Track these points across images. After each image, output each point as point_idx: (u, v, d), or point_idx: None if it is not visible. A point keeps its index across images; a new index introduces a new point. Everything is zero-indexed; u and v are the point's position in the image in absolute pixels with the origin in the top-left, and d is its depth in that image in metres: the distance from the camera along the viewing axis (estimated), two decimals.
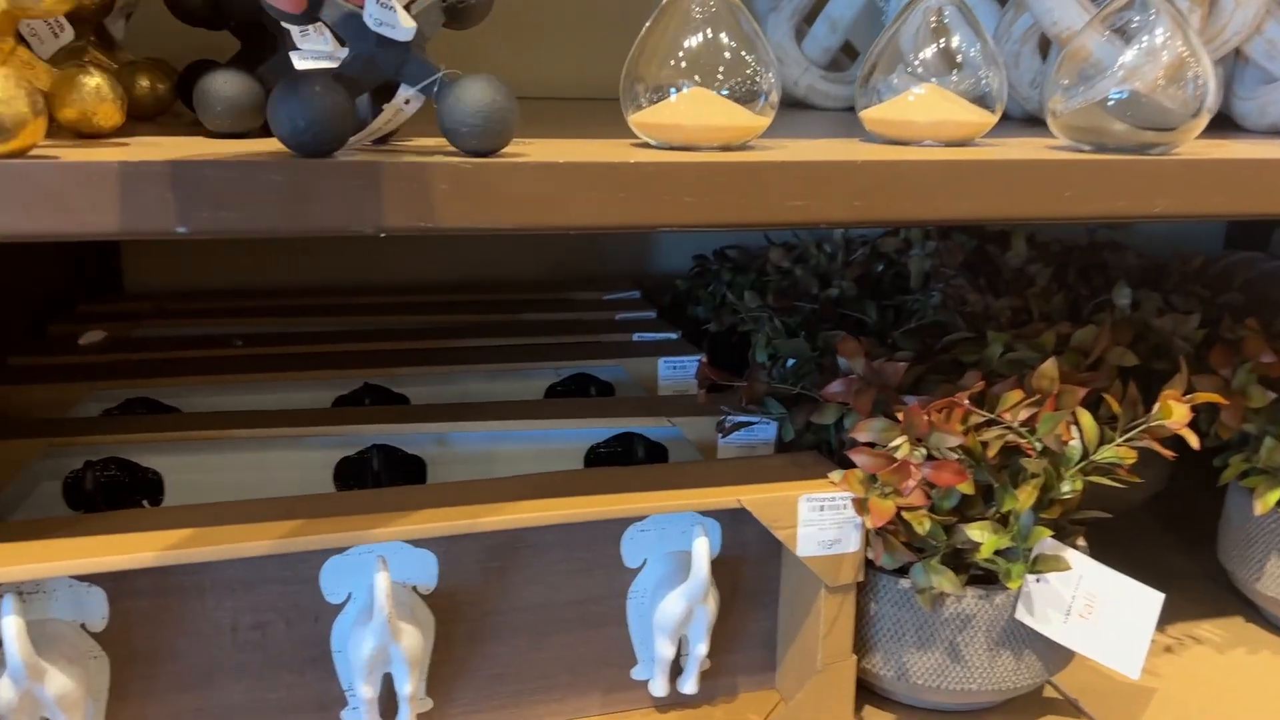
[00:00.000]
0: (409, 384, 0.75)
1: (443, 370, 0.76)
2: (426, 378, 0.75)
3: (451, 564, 0.54)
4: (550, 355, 0.78)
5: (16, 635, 0.45)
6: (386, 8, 0.40)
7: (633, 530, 0.57)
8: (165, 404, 0.70)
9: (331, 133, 0.39)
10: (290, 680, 0.53)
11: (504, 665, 0.57)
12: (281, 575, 0.52)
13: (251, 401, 0.71)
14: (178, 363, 0.73)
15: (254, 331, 0.82)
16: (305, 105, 0.39)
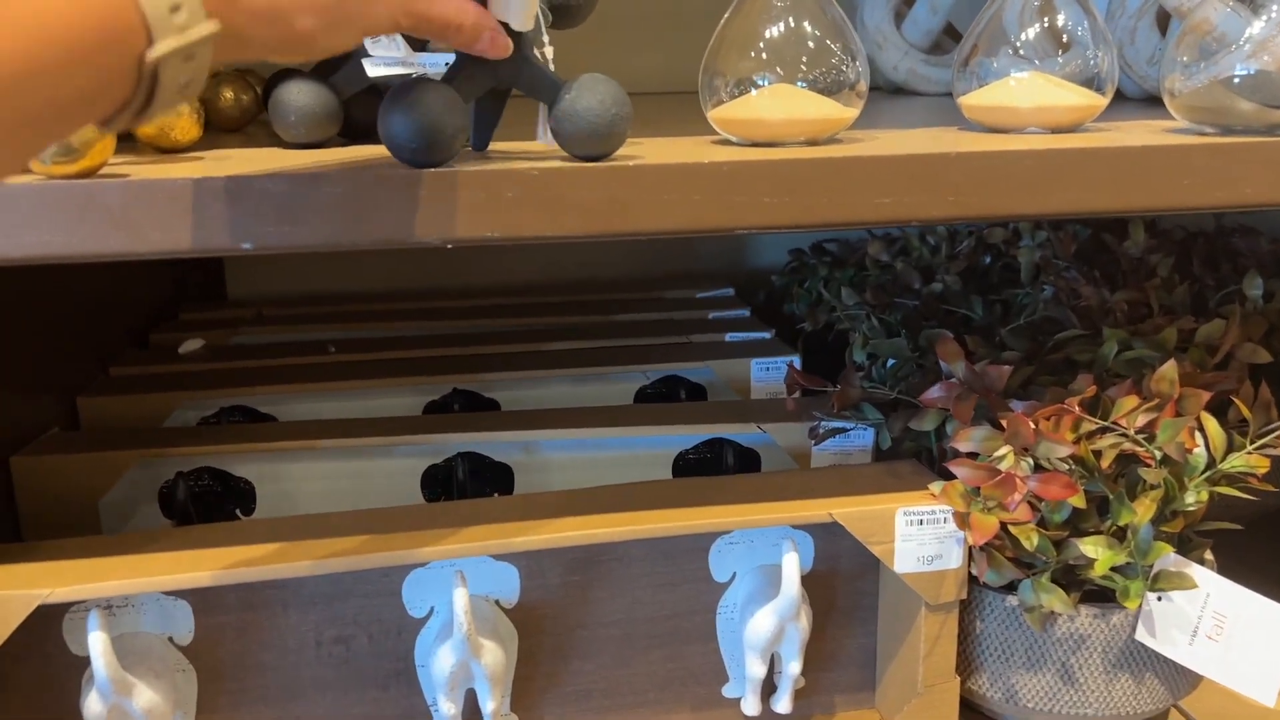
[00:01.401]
0: (498, 389, 0.74)
1: (532, 375, 0.75)
2: (516, 383, 0.74)
3: (534, 578, 0.53)
4: (640, 358, 0.77)
5: (103, 651, 0.45)
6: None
7: (721, 543, 0.55)
8: (260, 411, 0.71)
9: (443, 143, 0.38)
10: (374, 695, 0.53)
11: (590, 681, 0.55)
12: (364, 589, 0.52)
13: (344, 408, 0.71)
14: (273, 370, 0.74)
15: (348, 337, 0.82)
16: (415, 114, 0.38)
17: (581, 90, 0.40)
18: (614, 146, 0.41)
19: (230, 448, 0.63)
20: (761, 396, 0.74)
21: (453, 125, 0.39)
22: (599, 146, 0.40)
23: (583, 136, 0.40)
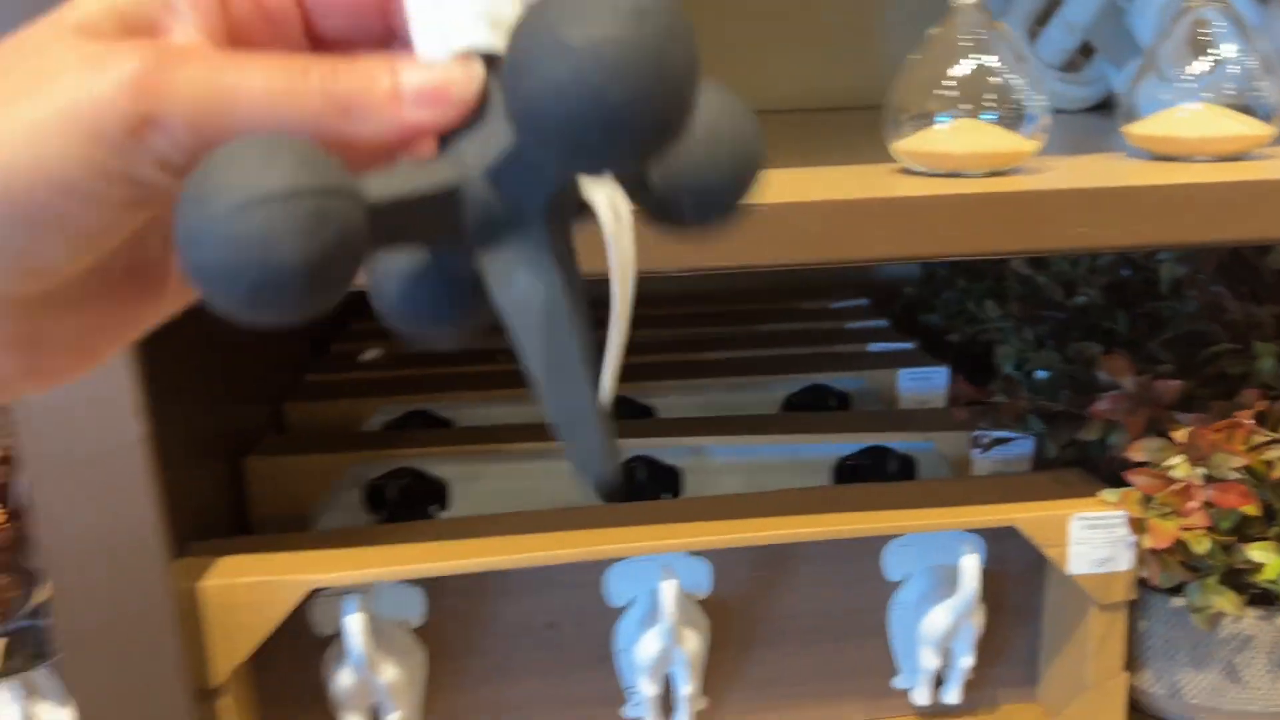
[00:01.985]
0: (654, 396, 0.79)
1: (685, 383, 0.79)
2: (671, 390, 0.79)
3: (724, 572, 0.57)
4: (786, 367, 0.81)
5: (360, 631, 0.51)
6: None
7: (894, 545, 0.58)
8: (440, 416, 0.77)
9: (294, 288, 0.19)
10: (579, 677, 0.58)
11: (772, 670, 0.59)
12: (570, 579, 0.57)
13: (516, 413, 0.77)
14: (449, 377, 0.80)
15: (501, 347, 0.88)
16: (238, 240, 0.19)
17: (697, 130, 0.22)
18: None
19: (425, 451, 0.69)
20: (910, 406, 0.77)
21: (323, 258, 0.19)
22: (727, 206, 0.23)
23: (700, 201, 0.23)
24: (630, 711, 0.59)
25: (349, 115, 0.22)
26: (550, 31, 0.18)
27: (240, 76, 0.21)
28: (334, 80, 0.22)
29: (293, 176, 0.19)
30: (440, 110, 0.22)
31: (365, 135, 0.22)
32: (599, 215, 0.22)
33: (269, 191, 0.18)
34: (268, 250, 0.18)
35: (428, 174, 0.21)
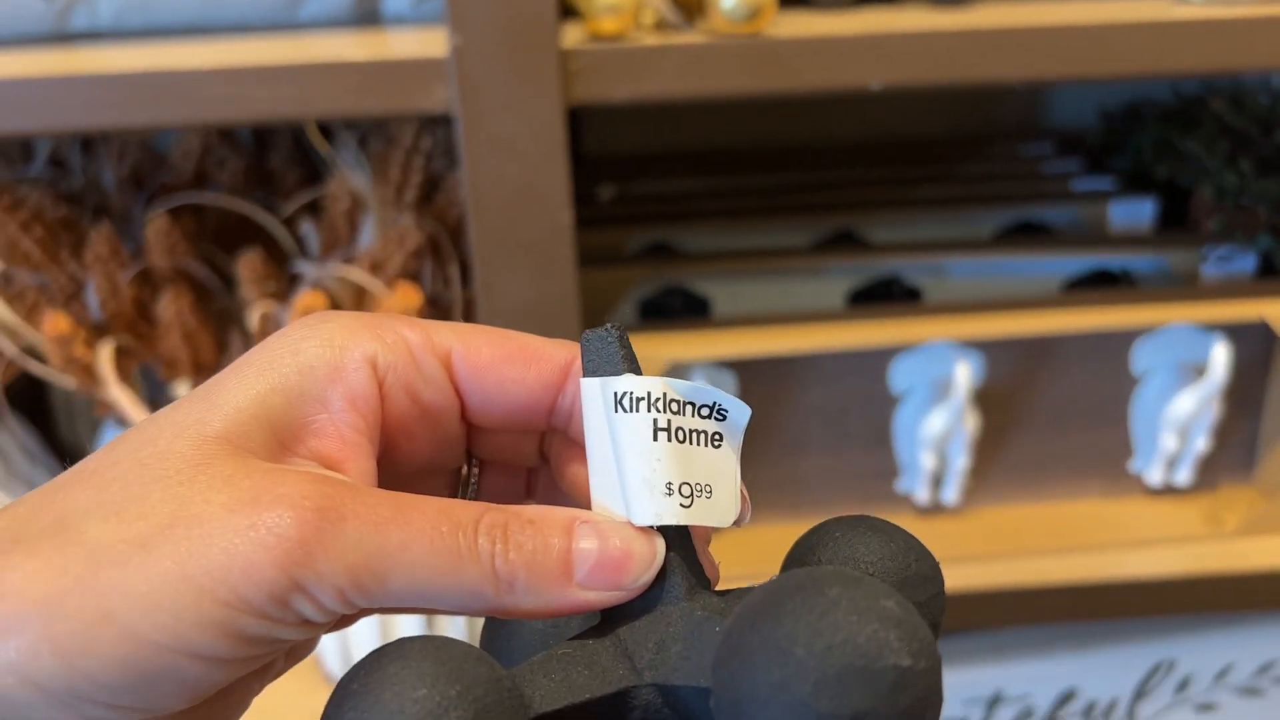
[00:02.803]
0: (873, 230, 0.86)
1: (902, 216, 0.86)
2: (890, 223, 0.86)
3: (992, 364, 0.65)
4: (996, 201, 0.87)
5: None
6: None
7: (1141, 342, 0.66)
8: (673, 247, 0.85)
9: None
10: (861, 455, 0.67)
11: (1026, 453, 0.68)
12: (858, 368, 0.65)
13: (745, 243, 0.85)
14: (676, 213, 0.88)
15: (708, 188, 0.95)
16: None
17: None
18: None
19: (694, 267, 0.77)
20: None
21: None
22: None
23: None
24: (903, 485, 0.68)
25: (513, 590, 0.20)
26: (795, 685, 0.17)
27: (403, 536, 0.20)
28: (504, 550, 0.20)
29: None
30: (612, 594, 0.21)
31: (526, 609, 0.21)
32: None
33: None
34: None
35: (597, 679, 0.21)
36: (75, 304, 0.60)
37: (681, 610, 0.21)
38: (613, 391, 0.22)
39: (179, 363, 0.61)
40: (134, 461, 0.20)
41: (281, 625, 0.19)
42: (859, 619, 0.17)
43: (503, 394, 0.23)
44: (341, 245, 0.59)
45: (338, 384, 0.22)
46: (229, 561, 0.19)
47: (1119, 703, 0.73)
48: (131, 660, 0.19)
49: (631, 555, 0.21)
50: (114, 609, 0.19)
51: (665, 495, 0.22)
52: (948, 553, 0.65)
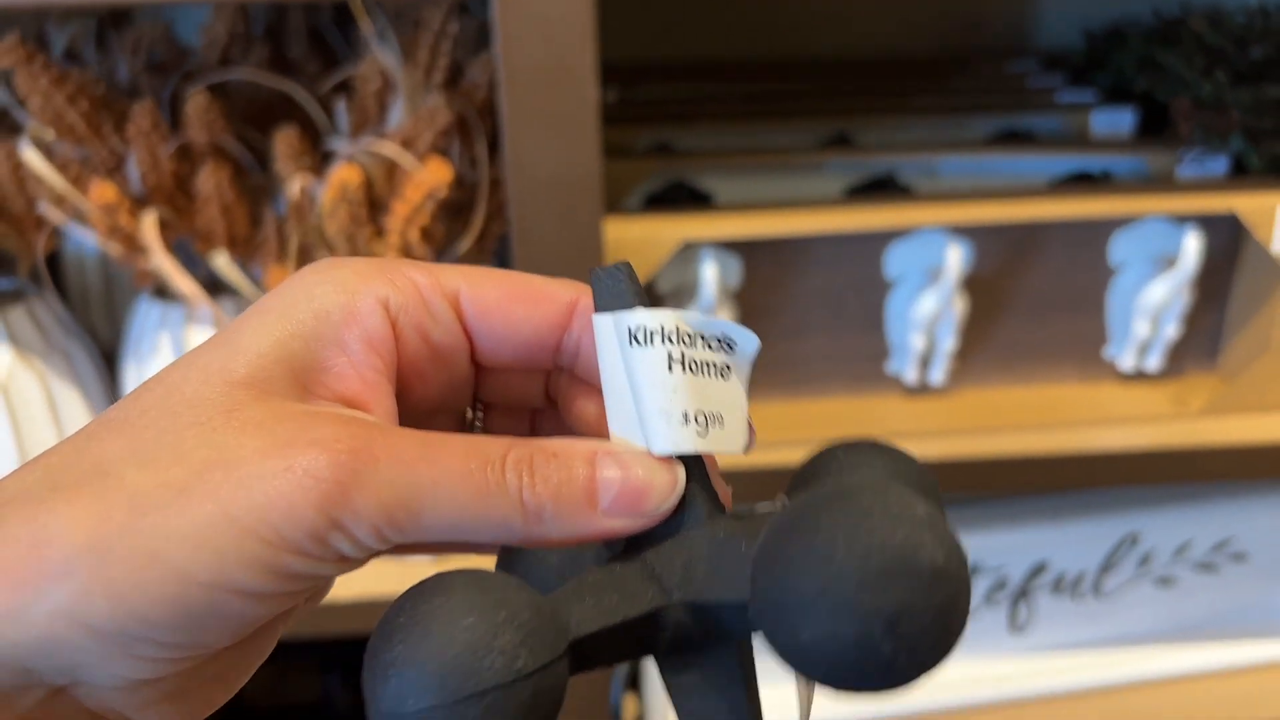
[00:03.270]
0: (867, 134, 0.90)
1: (895, 122, 0.90)
2: (883, 128, 0.90)
3: (981, 251, 0.70)
4: (982, 110, 0.91)
5: (714, 278, 0.64)
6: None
7: (1119, 233, 0.71)
8: (675, 147, 0.88)
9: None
10: (855, 338, 0.72)
11: (1009, 337, 0.73)
12: (855, 254, 0.70)
13: (750, 143, 0.88)
14: (681, 115, 0.91)
15: (708, 94, 0.98)
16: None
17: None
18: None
19: (699, 161, 0.80)
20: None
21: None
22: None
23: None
24: (892, 366, 0.72)
25: (541, 521, 0.21)
26: (837, 587, 0.18)
27: (434, 474, 0.20)
28: (531, 483, 0.21)
29: (509, 660, 0.19)
30: (636, 521, 0.22)
31: (554, 539, 0.22)
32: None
33: (487, 685, 0.19)
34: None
35: (628, 601, 0.22)
36: (117, 177, 0.62)
37: (704, 533, 0.23)
38: (626, 326, 0.23)
39: (215, 236, 0.64)
40: (164, 409, 0.21)
41: (321, 562, 0.20)
42: (893, 524, 0.19)
43: (510, 333, 0.24)
44: (372, 124, 0.62)
45: (353, 327, 0.22)
46: (269, 503, 0.19)
47: (1086, 575, 0.79)
48: (180, 599, 0.19)
49: (653, 483, 0.22)
50: (160, 550, 0.19)
51: (682, 425, 0.23)
52: (933, 428, 0.70)
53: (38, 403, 0.69)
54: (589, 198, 0.57)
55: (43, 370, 0.69)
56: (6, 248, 0.68)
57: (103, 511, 0.20)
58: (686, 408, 0.23)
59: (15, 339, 0.68)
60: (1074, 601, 0.80)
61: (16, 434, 0.69)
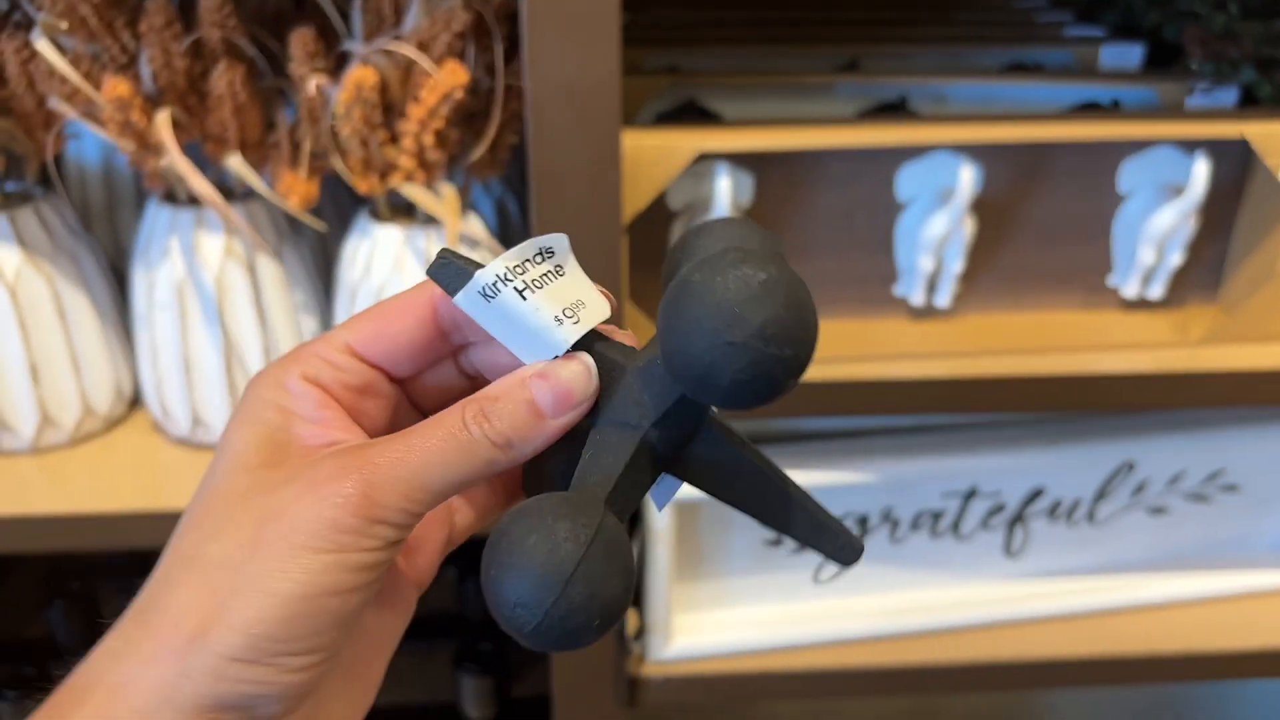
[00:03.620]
0: (877, 60, 0.89)
1: (905, 49, 0.90)
2: (893, 56, 0.90)
3: (990, 174, 0.70)
4: (993, 41, 0.91)
5: (727, 191, 0.64)
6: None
7: (1129, 161, 0.71)
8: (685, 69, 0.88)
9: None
10: (864, 258, 0.72)
11: (1015, 261, 0.73)
12: (866, 175, 0.70)
13: (759, 66, 0.87)
14: (694, 38, 0.90)
15: (716, 18, 0.97)
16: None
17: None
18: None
19: (712, 79, 0.80)
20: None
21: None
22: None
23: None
24: (900, 289, 0.73)
25: (513, 446, 0.28)
26: (720, 330, 0.24)
27: (423, 458, 0.27)
28: (491, 426, 0.27)
29: (575, 541, 0.25)
30: (578, 410, 0.28)
31: (528, 454, 0.28)
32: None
33: (571, 567, 0.25)
34: (601, 612, 0.25)
35: (618, 452, 0.28)
36: (129, 75, 0.62)
37: (630, 374, 0.29)
38: (476, 291, 0.28)
39: (227, 138, 0.64)
40: (208, 508, 0.27)
41: (376, 550, 0.26)
42: (726, 275, 0.25)
43: (397, 346, 0.30)
44: (387, 27, 0.62)
45: (298, 402, 0.29)
46: (320, 529, 0.26)
47: (1081, 502, 0.80)
48: (292, 615, 0.26)
49: (573, 377, 0.28)
50: (262, 586, 0.25)
51: (559, 325, 0.28)
52: (937, 349, 0.70)
53: (46, 305, 0.69)
54: (607, 105, 0.57)
55: (50, 273, 0.69)
56: (14, 149, 0.68)
57: (207, 581, 0.26)
58: (555, 313, 0.28)
59: (23, 241, 0.68)
60: (1069, 528, 0.81)
61: (24, 336, 0.69)
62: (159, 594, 0.27)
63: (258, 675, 0.26)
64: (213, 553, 0.26)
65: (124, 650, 0.26)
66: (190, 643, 0.25)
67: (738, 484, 0.30)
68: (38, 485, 0.71)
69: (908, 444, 0.76)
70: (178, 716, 0.25)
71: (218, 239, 0.67)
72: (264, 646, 0.25)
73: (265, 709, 0.26)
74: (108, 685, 0.26)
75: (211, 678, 0.25)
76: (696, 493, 0.31)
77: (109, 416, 0.75)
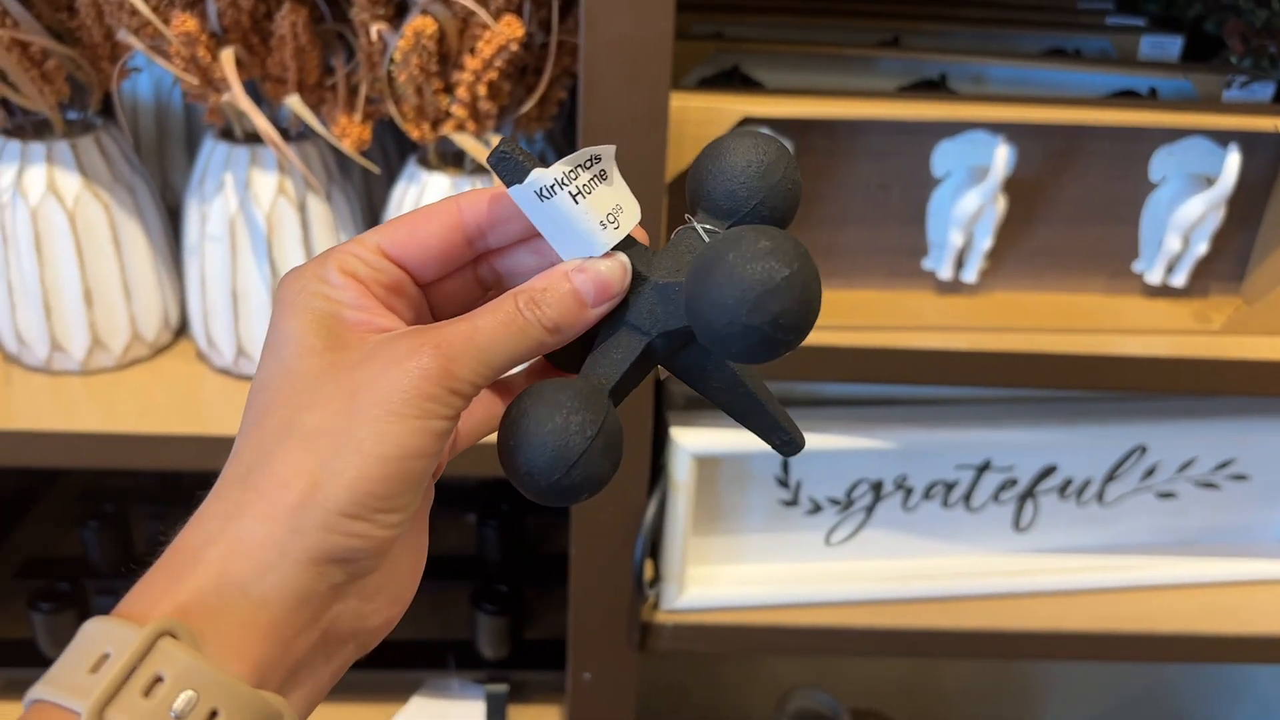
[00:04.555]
0: (919, 38, 0.91)
1: (946, 29, 0.91)
2: (934, 35, 0.91)
3: (1022, 154, 0.71)
4: (1034, 25, 0.92)
5: None
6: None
7: (1162, 151, 0.72)
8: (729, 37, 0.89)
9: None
10: (896, 231, 0.74)
11: (1043, 242, 0.75)
12: (904, 149, 0.71)
13: (803, 38, 0.89)
14: (738, 5, 0.92)
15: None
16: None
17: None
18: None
19: (756, 48, 0.81)
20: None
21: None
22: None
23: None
24: (929, 262, 0.75)
25: (559, 329, 0.32)
26: (736, 309, 0.28)
27: (487, 337, 0.30)
28: (541, 311, 0.31)
29: (583, 432, 0.30)
30: (614, 300, 0.32)
31: (573, 335, 0.32)
32: None
33: (577, 453, 0.30)
34: (592, 486, 0.31)
35: (627, 350, 0.33)
36: (196, 12, 0.64)
37: (650, 285, 0.33)
38: (534, 190, 0.31)
39: (286, 79, 0.66)
40: (291, 386, 0.30)
41: (449, 419, 0.30)
42: (751, 264, 0.28)
43: (426, 249, 0.33)
44: None
45: (343, 293, 0.31)
46: (410, 396, 0.29)
47: (1092, 482, 0.82)
48: (387, 475, 0.29)
49: (612, 271, 0.32)
50: (364, 448, 0.29)
51: (602, 229, 0.32)
52: (961, 323, 0.72)
53: (102, 232, 0.71)
54: (658, 65, 0.59)
55: (108, 201, 0.71)
56: (79, 78, 0.70)
57: (310, 448, 0.29)
58: (600, 217, 0.32)
59: (84, 169, 0.70)
60: (1078, 506, 0.83)
61: (80, 261, 0.71)
62: (259, 462, 0.29)
63: (360, 529, 0.29)
64: (310, 423, 0.29)
65: (235, 512, 0.29)
66: (301, 500, 0.28)
67: (714, 385, 0.34)
68: (85, 405, 0.74)
69: (926, 414, 0.78)
70: (292, 567, 0.28)
71: (271, 177, 0.69)
72: (366, 503, 0.28)
73: (364, 562, 0.30)
74: (225, 542, 0.28)
75: (322, 531, 0.28)
76: (718, 448, 0.35)
77: (155, 343, 0.78)
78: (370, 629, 0.32)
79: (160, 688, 0.26)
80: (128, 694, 0.25)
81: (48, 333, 0.73)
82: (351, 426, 0.28)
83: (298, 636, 0.29)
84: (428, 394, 0.29)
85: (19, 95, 0.67)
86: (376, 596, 0.31)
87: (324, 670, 0.31)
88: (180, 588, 0.27)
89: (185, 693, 0.26)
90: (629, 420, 0.69)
